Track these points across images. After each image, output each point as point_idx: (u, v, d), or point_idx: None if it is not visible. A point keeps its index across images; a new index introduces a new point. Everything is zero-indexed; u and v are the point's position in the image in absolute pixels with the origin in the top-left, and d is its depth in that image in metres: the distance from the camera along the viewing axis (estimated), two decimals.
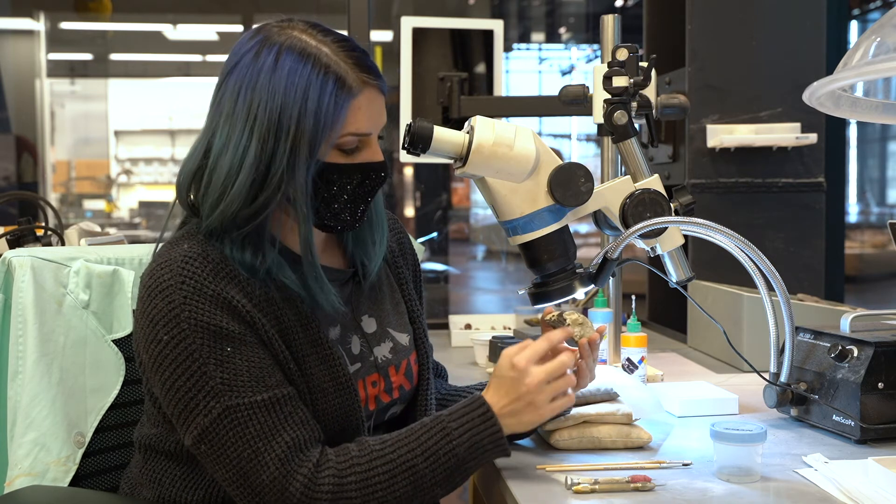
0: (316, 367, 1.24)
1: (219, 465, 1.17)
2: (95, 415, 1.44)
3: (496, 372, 1.26)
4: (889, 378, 1.37)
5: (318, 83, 1.20)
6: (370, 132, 1.25)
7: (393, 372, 1.37)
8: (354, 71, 1.23)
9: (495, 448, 1.21)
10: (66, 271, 1.44)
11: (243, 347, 1.18)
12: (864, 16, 9.64)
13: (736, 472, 1.22)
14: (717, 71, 2.51)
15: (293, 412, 1.19)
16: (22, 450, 1.35)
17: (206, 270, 1.19)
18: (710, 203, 2.49)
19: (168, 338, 1.17)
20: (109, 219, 10.08)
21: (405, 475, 1.18)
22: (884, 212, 12.53)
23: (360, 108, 1.23)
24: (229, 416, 1.16)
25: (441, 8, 7.39)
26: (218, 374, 1.16)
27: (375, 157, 1.27)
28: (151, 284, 1.21)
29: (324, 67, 1.21)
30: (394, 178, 7.13)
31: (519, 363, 1.23)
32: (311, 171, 1.21)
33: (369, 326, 1.37)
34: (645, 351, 1.83)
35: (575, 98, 1.83)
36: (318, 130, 1.20)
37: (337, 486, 1.16)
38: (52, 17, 8.02)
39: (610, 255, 1.40)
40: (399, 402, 1.39)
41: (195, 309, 1.17)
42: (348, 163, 1.24)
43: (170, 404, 1.20)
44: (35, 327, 1.38)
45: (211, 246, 1.22)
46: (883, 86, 1.53)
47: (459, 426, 1.21)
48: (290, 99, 1.19)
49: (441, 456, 1.19)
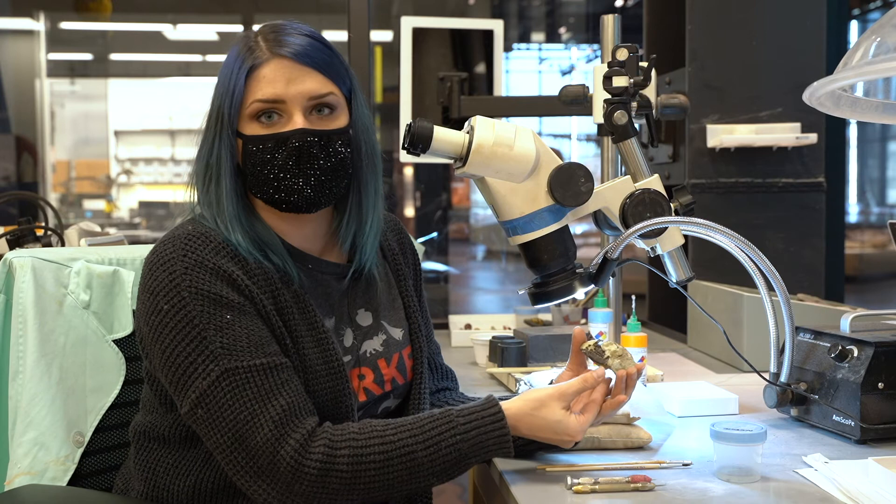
0: (310, 348, 1.27)
1: (215, 428, 1.18)
2: (95, 414, 1.45)
3: (534, 400, 1.25)
4: (889, 378, 1.37)
5: (232, 59, 1.29)
6: (279, 99, 1.27)
7: (384, 364, 1.38)
8: (267, 44, 1.29)
9: (499, 448, 1.22)
10: (67, 272, 1.44)
11: (242, 317, 1.21)
12: (864, 16, 9.64)
13: (736, 472, 1.22)
14: (717, 71, 2.51)
15: (289, 380, 1.21)
16: (21, 449, 1.36)
17: (207, 248, 1.24)
18: (710, 203, 2.49)
19: (168, 306, 1.20)
20: (109, 219, 10.08)
21: (401, 460, 1.18)
22: (884, 212, 12.53)
23: (264, 75, 1.27)
24: (227, 378, 1.18)
25: (441, 8, 7.40)
26: (217, 339, 1.19)
27: (293, 126, 1.27)
28: (153, 259, 1.25)
29: (242, 49, 1.29)
30: (394, 178, 7.13)
31: (570, 424, 1.25)
32: (232, 143, 1.28)
33: (364, 320, 1.39)
34: (645, 351, 1.83)
35: (575, 98, 1.83)
36: (231, 102, 1.27)
37: (327, 457, 1.16)
38: (52, 17, 8.02)
39: (610, 255, 1.40)
40: (393, 396, 1.40)
41: (196, 278, 1.21)
42: (265, 133, 1.28)
43: (168, 372, 1.21)
44: (35, 327, 1.38)
45: (213, 230, 1.27)
46: (883, 86, 1.53)
47: (467, 422, 1.21)
48: (218, 84, 1.30)
49: (443, 448, 1.20)
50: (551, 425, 1.24)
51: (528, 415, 1.24)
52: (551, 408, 1.24)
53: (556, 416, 1.24)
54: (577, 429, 1.25)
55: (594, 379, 1.28)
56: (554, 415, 1.24)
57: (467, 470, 1.22)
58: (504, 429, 1.22)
